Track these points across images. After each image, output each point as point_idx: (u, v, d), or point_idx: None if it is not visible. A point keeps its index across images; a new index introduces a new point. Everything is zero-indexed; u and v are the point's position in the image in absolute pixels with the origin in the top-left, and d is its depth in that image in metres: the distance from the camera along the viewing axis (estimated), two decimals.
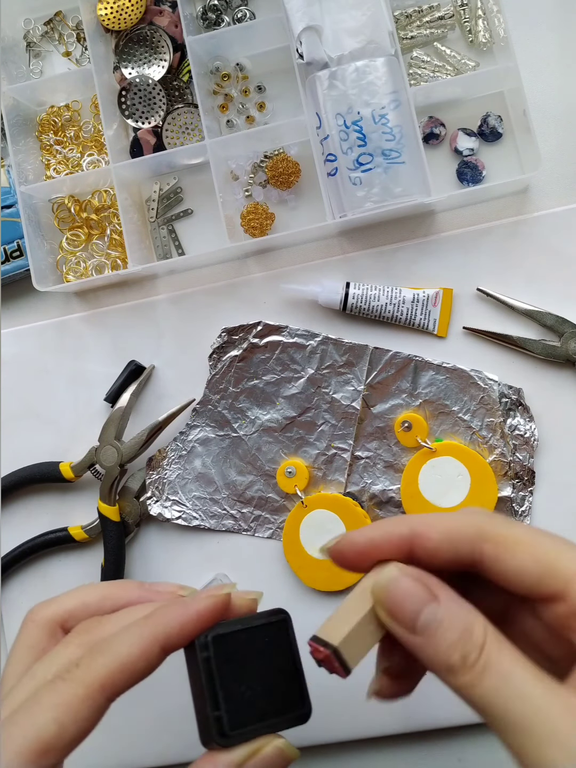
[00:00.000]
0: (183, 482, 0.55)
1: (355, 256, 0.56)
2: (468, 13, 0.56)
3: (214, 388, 0.55)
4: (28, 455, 0.57)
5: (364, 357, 0.54)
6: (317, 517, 0.53)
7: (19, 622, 0.34)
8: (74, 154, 0.60)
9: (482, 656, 0.26)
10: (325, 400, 0.54)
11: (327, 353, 0.54)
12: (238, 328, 0.55)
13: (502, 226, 0.54)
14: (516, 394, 0.52)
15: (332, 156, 0.52)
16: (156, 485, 0.55)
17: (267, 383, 0.55)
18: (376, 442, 0.54)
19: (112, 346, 0.58)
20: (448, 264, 0.54)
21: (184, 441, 0.55)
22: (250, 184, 0.58)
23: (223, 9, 0.59)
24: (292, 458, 0.54)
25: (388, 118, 0.51)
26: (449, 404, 0.53)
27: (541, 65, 0.56)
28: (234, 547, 0.55)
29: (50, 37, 0.62)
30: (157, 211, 0.60)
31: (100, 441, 0.55)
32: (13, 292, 0.60)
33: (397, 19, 0.56)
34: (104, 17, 0.58)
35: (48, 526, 0.57)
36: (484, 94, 0.56)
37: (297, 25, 0.52)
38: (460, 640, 0.26)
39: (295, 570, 0.53)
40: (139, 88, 0.58)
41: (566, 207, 0.54)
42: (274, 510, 0.54)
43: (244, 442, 0.55)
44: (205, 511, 0.55)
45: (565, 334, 0.52)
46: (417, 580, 0.28)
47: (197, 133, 0.58)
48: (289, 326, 0.55)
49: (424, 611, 0.27)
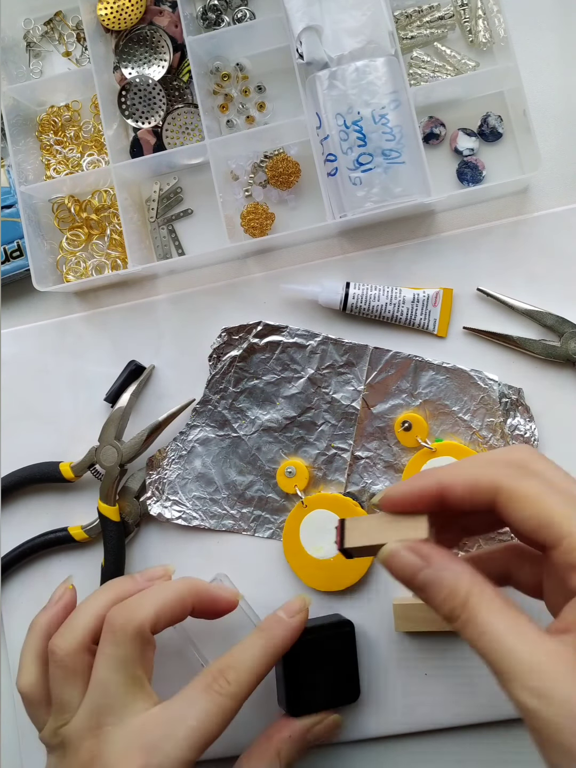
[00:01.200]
0: (183, 482, 0.55)
1: (355, 256, 0.56)
2: (468, 13, 0.56)
3: (214, 388, 0.55)
4: (28, 455, 0.57)
5: (364, 357, 0.54)
6: (317, 517, 0.53)
7: (19, 621, 0.35)
8: (74, 154, 0.60)
9: (464, 611, 0.32)
10: (325, 400, 0.54)
11: (327, 353, 0.54)
12: (238, 328, 0.55)
13: (502, 226, 0.54)
14: (516, 394, 0.52)
15: (332, 156, 0.52)
16: (156, 485, 0.55)
17: (267, 383, 0.55)
18: (376, 442, 0.53)
19: (112, 346, 0.58)
20: (448, 264, 0.54)
21: (184, 441, 0.55)
22: (250, 184, 0.58)
23: (223, 9, 0.59)
24: (292, 458, 0.54)
25: (388, 118, 0.51)
26: (449, 404, 0.53)
27: (541, 65, 0.56)
28: (234, 548, 0.55)
29: (50, 37, 0.62)
30: (157, 211, 0.60)
31: (100, 441, 0.55)
32: (13, 292, 0.60)
33: (397, 19, 0.56)
34: (104, 17, 0.58)
35: (48, 526, 0.56)
36: (484, 94, 0.56)
37: (297, 25, 0.52)
38: (447, 597, 0.33)
39: (295, 570, 0.53)
40: (139, 88, 0.58)
41: (566, 207, 0.54)
42: (274, 510, 0.54)
43: (244, 442, 0.55)
44: (205, 511, 0.55)
45: (565, 334, 0.52)
46: (412, 550, 0.35)
47: (197, 133, 0.58)
48: (289, 326, 0.54)
49: (418, 575, 0.34)
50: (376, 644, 0.52)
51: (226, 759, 0.49)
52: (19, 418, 0.58)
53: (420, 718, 0.51)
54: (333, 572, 0.52)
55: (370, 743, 0.52)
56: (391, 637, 0.52)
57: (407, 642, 0.52)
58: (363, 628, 0.52)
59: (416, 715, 0.51)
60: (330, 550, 0.52)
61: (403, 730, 0.52)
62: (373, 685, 0.52)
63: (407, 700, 0.52)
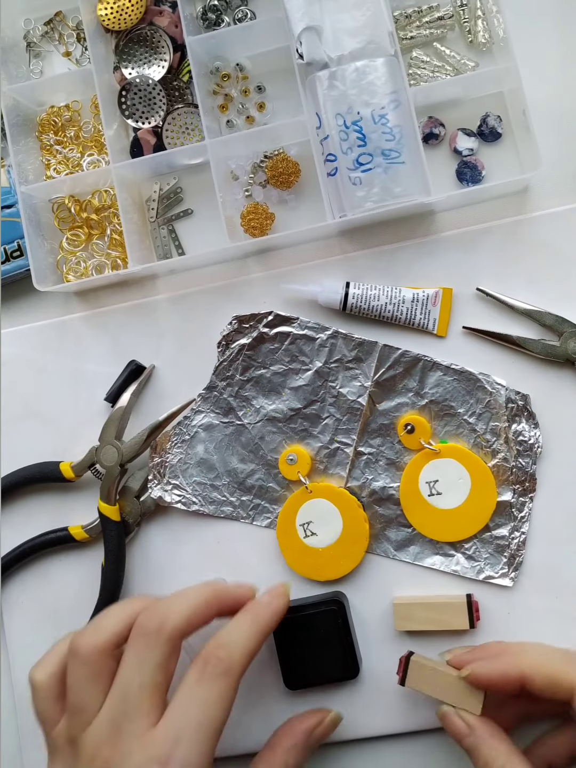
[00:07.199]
0: (184, 467, 0.55)
1: (355, 256, 0.56)
2: (468, 13, 0.56)
3: (221, 374, 0.55)
4: (28, 455, 0.57)
5: (373, 353, 0.54)
6: (318, 506, 0.53)
7: (19, 621, 0.35)
8: (74, 154, 0.60)
9: None
10: (331, 394, 0.54)
11: (336, 347, 0.54)
12: (249, 317, 0.55)
13: (502, 226, 0.54)
14: (523, 400, 0.52)
15: (332, 156, 0.52)
16: (158, 468, 0.55)
17: (274, 373, 0.55)
18: (380, 439, 0.54)
19: (112, 346, 0.58)
20: (448, 264, 0.54)
21: (187, 426, 0.55)
22: (250, 184, 0.58)
23: (223, 9, 0.59)
24: (293, 446, 0.54)
25: (388, 118, 0.51)
26: (455, 406, 0.53)
27: (541, 65, 0.56)
28: (234, 548, 0.55)
29: (50, 37, 0.62)
30: (157, 211, 0.60)
31: (100, 441, 0.55)
32: (13, 292, 0.60)
33: (396, 20, 0.56)
34: (104, 17, 0.58)
35: (48, 526, 0.57)
36: (483, 94, 0.56)
37: (297, 25, 0.52)
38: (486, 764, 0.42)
39: (283, 550, 0.53)
40: (139, 88, 0.58)
41: (566, 207, 0.54)
42: (273, 500, 0.54)
43: (248, 431, 0.55)
44: (205, 496, 0.55)
45: (565, 333, 0.52)
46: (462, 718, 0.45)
47: (197, 133, 0.58)
48: (300, 318, 0.55)
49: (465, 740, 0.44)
50: (375, 639, 0.52)
51: (223, 758, 0.49)
52: (19, 418, 0.58)
53: (420, 718, 0.51)
54: (322, 561, 0.52)
55: (369, 743, 0.52)
56: (390, 631, 0.52)
57: (408, 641, 0.52)
58: (361, 624, 0.52)
59: (416, 715, 0.51)
60: (322, 540, 0.52)
61: (403, 729, 0.52)
62: (373, 683, 0.52)
63: (407, 699, 0.52)
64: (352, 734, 0.52)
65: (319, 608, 0.50)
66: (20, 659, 0.56)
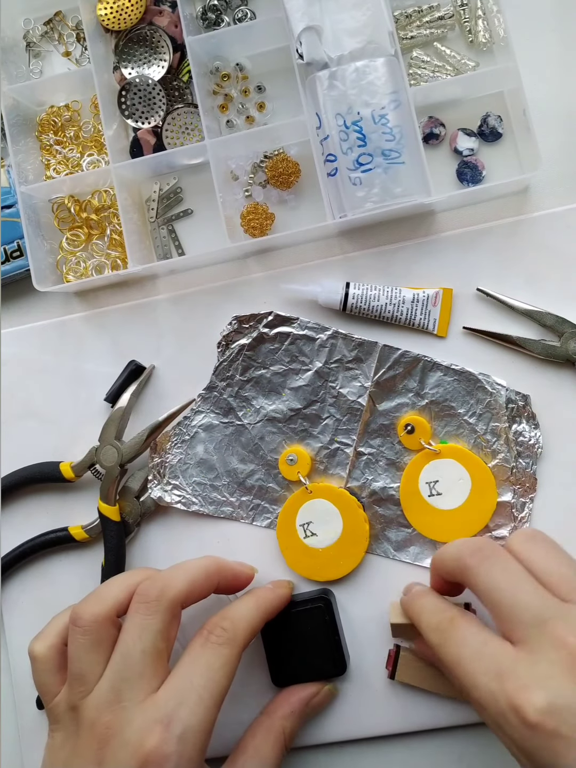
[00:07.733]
0: (184, 467, 0.55)
1: (355, 256, 0.56)
2: (468, 13, 0.56)
3: (221, 375, 0.55)
4: (28, 455, 0.57)
5: (373, 354, 0.54)
6: (318, 506, 0.53)
7: (19, 621, 0.35)
8: (74, 154, 0.60)
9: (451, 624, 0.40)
10: (331, 394, 0.54)
11: (336, 348, 0.54)
12: (249, 317, 0.55)
13: (502, 226, 0.54)
14: (523, 400, 0.52)
15: (332, 156, 0.52)
16: (158, 468, 0.55)
17: (274, 374, 0.55)
18: (380, 439, 0.54)
19: (112, 346, 0.58)
20: (448, 264, 0.54)
21: (187, 426, 0.56)
22: (250, 184, 0.58)
23: (223, 9, 0.59)
24: (293, 446, 0.54)
25: (388, 118, 0.51)
26: (455, 406, 0.53)
27: (541, 65, 0.56)
28: (234, 548, 0.55)
29: (50, 37, 0.62)
30: (157, 211, 0.60)
31: (100, 441, 0.55)
32: (13, 292, 0.60)
33: (397, 19, 0.56)
34: (104, 17, 0.58)
35: (48, 526, 0.57)
36: (483, 94, 0.56)
37: (297, 25, 0.52)
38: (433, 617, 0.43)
39: (283, 550, 0.53)
40: (139, 88, 0.58)
41: (566, 207, 0.54)
42: (273, 500, 0.54)
43: (248, 431, 0.55)
44: (205, 496, 0.55)
45: (565, 334, 0.52)
46: None
47: (197, 133, 0.58)
48: (300, 318, 0.55)
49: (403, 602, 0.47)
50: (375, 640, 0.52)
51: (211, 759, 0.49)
52: (19, 418, 0.58)
53: (420, 718, 0.51)
54: (322, 561, 0.52)
55: (369, 742, 0.52)
56: (386, 630, 0.52)
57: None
58: (358, 623, 0.52)
59: (416, 714, 0.51)
60: (322, 540, 0.52)
61: (402, 729, 0.52)
62: (370, 683, 0.52)
63: (407, 698, 0.52)
64: (339, 734, 0.52)
65: (306, 605, 0.51)
66: (20, 659, 0.56)
